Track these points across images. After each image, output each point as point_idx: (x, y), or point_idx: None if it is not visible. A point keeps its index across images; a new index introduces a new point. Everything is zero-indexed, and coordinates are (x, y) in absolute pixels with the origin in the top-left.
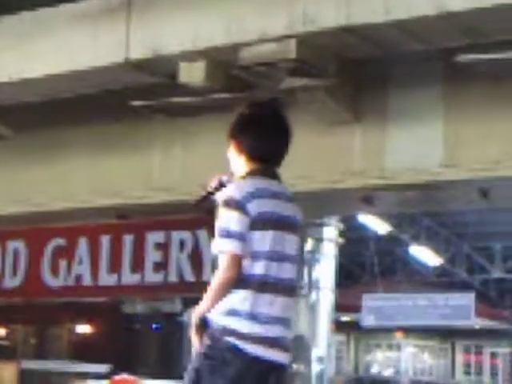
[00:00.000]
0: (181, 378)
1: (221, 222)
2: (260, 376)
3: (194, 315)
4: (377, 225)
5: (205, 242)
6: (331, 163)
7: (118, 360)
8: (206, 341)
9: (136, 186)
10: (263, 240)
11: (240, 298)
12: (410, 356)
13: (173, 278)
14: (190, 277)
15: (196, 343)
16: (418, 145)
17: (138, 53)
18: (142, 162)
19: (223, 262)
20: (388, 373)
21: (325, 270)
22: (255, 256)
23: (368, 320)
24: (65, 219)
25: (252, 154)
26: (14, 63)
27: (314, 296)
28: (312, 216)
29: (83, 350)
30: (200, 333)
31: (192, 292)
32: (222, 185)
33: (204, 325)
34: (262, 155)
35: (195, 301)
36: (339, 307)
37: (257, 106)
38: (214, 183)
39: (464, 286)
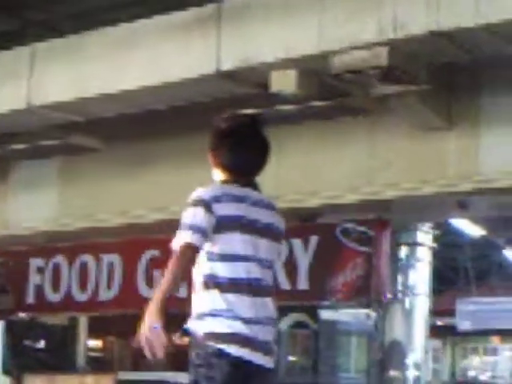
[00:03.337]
0: None
1: (184, 217)
2: (245, 378)
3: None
4: (471, 229)
5: (299, 251)
6: (425, 169)
7: None
8: (194, 350)
9: None
10: (233, 242)
11: (216, 300)
12: (508, 360)
13: None
14: (285, 285)
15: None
16: None
17: (229, 63)
18: None
19: (178, 251)
20: (485, 377)
21: (420, 276)
22: (227, 258)
23: (464, 324)
24: (158, 231)
25: (226, 167)
26: (105, 75)
27: (409, 302)
28: (406, 222)
29: (180, 360)
30: (161, 313)
31: (287, 300)
32: None
33: (186, 334)
34: (235, 168)
35: (290, 309)
36: (434, 312)
37: (232, 120)
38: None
39: None
